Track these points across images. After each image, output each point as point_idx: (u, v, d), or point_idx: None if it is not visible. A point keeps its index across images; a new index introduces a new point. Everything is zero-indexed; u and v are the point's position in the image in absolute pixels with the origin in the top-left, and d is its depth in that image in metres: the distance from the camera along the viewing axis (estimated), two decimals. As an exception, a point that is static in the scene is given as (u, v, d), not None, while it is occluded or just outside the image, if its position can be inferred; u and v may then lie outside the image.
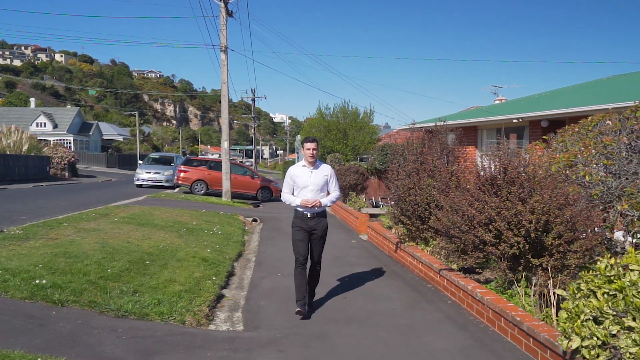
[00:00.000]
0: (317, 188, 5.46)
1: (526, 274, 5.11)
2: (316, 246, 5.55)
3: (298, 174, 5.51)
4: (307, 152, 5.48)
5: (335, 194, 5.63)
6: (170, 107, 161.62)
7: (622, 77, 16.83)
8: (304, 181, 5.45)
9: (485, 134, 15.91)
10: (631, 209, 5.88)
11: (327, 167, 5.62)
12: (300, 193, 5.49)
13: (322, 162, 5.62)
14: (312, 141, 5.49)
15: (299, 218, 5.48)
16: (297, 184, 5.50)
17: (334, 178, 5.63)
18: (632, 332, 2.95)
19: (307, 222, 5.45)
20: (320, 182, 5.48)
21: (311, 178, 5.45)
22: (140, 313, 4.84)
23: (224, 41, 17.45)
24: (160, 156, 26.69)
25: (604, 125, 7.07)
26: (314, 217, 5.46)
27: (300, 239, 5.46)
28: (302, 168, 5.53)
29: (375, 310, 5.44)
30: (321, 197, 5.49)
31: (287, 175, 5.63)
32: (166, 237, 8.74)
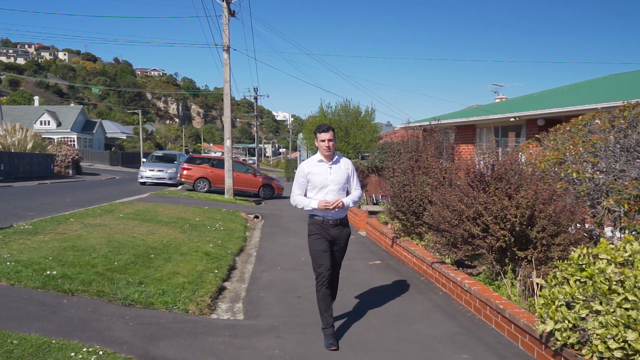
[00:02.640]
0: (339, 187, 4.50)
1: (512, 265, 5.37)
2: (337, 256, 4.66)
3: (315, 171, 4.50)
4: (322, 145, 4.46)
5: (357, 192, 4.69)
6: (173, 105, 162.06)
7: (616, 77, 17.05)
8: (323, 180, 4.47)
9: (484, 132, 16.15)
10: (618, 205, 6.12)
11: (348, 161, 4.69)
12: (318, 194, 4.50)
13: (340, 155, 4.72)
14: (326, 130, 4.47)
15: (318, 225, 4.51)
16: (314, 184, 4.50)
17: (355, 174, 4.71)
18: (599, 315, 3.21)
19: (329, 229, 4.49)
20: (342, 179, 4.53)
21: (331, 175, 4.49)
22: (146, 302, 5.12)
23: (226, 40, 17.72)
24: (163, 154, 27.05)
25: (593, 124, 7.31)
26: (337, 224, 4.52)
27: (323, 249, 4.45)
28: (318, 164, 4.54)
29: (369, 301, 5.70)
30: (342, 197, 4.55)
31: (299, 173, 4.60)
32: (170, 233, 9.02)
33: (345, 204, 4.47)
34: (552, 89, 19.13)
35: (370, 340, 4.45)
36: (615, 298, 3.16)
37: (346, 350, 4.19)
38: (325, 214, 4.48)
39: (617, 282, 3.24)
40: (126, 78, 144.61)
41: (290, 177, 42.97)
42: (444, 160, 8.16)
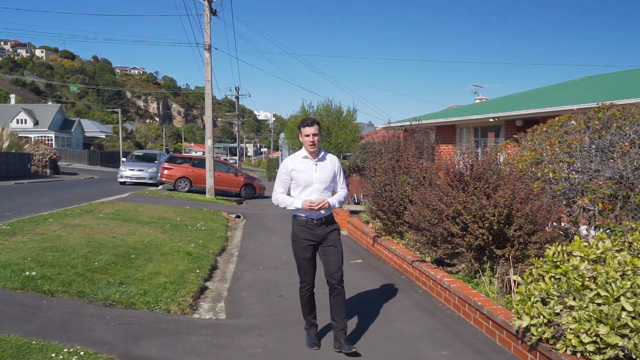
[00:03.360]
0: (324, 185, 4.23)
1: (490, 263, 5.49)
2: (333, 257, 4.21)
3: (299, 168, 4.22)
4: (307, 140, 4.16)
5: (343, 192, 4.41)
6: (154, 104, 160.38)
7: (592, 79, 17.43)
8: (308, 177, 4.20)
9: (464, 132, 16.36)
10: (592, 204, 6.28)
11: (334, 158, 4.40)
12: (302, 193, 4.23)
13: (326, 151, 4.41)
14: (310, 124, 4.16)
15: (302, 226, 4.23)
16: (298, 182, 4.23)
17: (341, 172, 4.44)
18: (573, 311, 3.31)
19: (314, 230, 4.23)
20: (328, 177, 4.26)
21: (317, 173, 4.21)
22: (127, 302, 5.10)
23: (207, 39, 17.64)
24: (143, 153, 26.81)
25: (569, 125, 7.48)
26: (322, 222, 4.23)
27: (307, 257, 4.23)
28: (303, 160, 4.25)
29: (350, 299, 5.75)
30: (328, 196, 4.28)
31: (282, 170, 4.31)
32: (151, 233, 8.97)
33: (332, 204, 4.19)
34: (530, 90, 19.46)
35: (352, 338, 4.50)
36: (588, 294, 3.27)
37: (327, 348, 4.24)
38: (310, 214, 4.20)
39: (589, 278, 3.35)
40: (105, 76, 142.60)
41: (272, 176, 42.90)
42: (424, 160, 8.27)
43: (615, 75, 16.53)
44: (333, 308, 4.19)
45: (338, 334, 4.16)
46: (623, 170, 6.10)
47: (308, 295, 4.29)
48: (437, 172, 6.79)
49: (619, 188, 6.17)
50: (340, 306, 4.18)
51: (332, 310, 4.20)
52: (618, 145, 6.41)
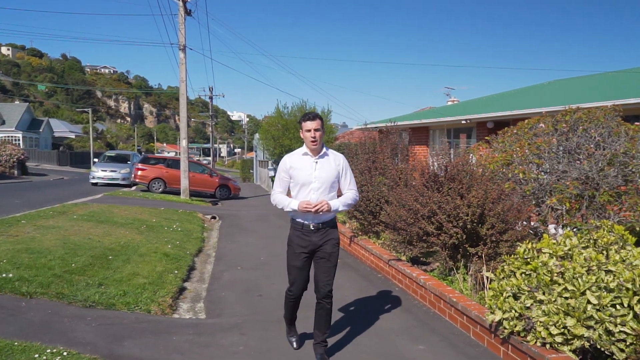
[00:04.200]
0: (325, 185, 3.88)
1: (464, 261, 5.68)
2: (324, 271, 3.93)
3: (298, 165, 3.92)
4: (308, 136, 3.83)
5: (351, 193, 4.01)
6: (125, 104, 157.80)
7: (560, 82, 17.97)
8: (306, 176, 3.87)
9: (437, 134, 16.66)
10: (560, 203, 6.54)
11: (339, 156, 4.04)
12: (301, 193, 3.92)
13: (331, 150, 4.07)
14: (312, 119, 3.83)
15: (298, 231, 3.94)
16: (297, 180, 3.91)
17: (348, 170, 4.03)
18: (542, 304, 3.50)
19: (310, 236, 3.90)
20: (330, 176, 3.89)
21: (316, 171, 3.88)
22: (107, 303, 5.11)
23: (182, 40, 17.55)
24: (116, 154, 26.43)
25: (538, 128, 7.75)
26: (320, 228, 3.91)
27: (299, 266, 3.94)
28: (302, 157, 3.94)
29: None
30: (331, 198, 3.92)
31: (280, 167, 4.02)
32: (127, 234, 8.92)
33: (333, 207, 3.83)
34: (501, 93, 19.92)
35: (330, 334, 4.61)
36: (556, 288, 3.46)
37: (308, 345, 4.35)
38: (306, 218, 3.88)
39: (558, 273, 3.54)
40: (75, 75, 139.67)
41: (247, 177, 42.77)
42: (400, 161, 8.45)
43: (582, 80, 17.08)
44: (316, 319, 4.04)
45: (317, 346, 4.05)
46: (589, 171, 6.38)
47: (292, 303, 4.12)
48: (412, 173, 6.96)
49: (585, 188, 6.45)
50: (323, 320, 3.99)
51: (316, 321, 4.05)
52: (584, 147, 6.69)
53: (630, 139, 6.59)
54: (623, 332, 3.15)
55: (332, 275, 3.97)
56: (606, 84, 14.42)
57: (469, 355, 4.14)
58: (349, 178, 4.03)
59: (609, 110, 6.97)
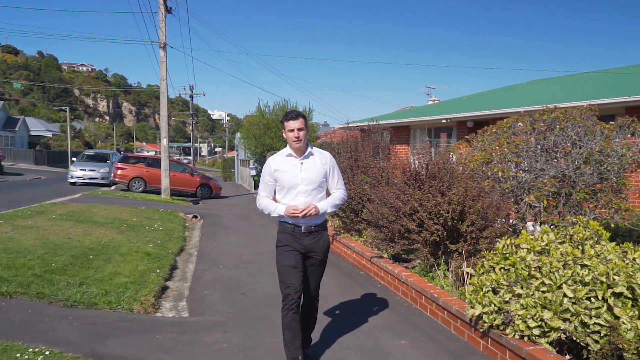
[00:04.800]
0: (313, 187, 3.69)
1: (445, 258, 5.77)
2: (313, 274, 3.84)
3: (282, 167, 3.73)
4: (291, 136, 3.64)
5: (339, 193, 3.84)
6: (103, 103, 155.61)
7: (538, 82, 18.29)
8: (292, 178, 3.69)
9: (417, 133, 16.82)
10: (538, 201, 6.68)
11: (326, 154, 3.85)
12: (287, 196, 3.73)
13: (316, 147, 3.89)
14: (295, 117, 3.64)
15: (288, 234, 3.74)
16: (282, 183, 3.72)
17: (335, 169, 3.86)
18: (521, 298, 3.59)
19: (301, 239, 3.71)
20: (317, 177, 3.71)
21: (302, 173, 3.69)
22: (89, 302, 5.08)
23: (162, 38, 17.41)
24: (95, 153, 26.15)
25: (517, 127, 7.89)
26: (311, 231, 3.72)
27: (292, 265, 3.67)
28: (287, 159, 3.75)
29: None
30: (320, 199, 3.74)
31: (265, 170, 3.83)
32: (107, 234, 8.85)
33: (321, 210, 3.66)
34: (480, 93, 20.20)
35: (314, 331, 4.66)
36: (534, 282, 3.55)
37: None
38: (297, 221, 3.68)
39: (535, 268, 3.64)
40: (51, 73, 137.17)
41: (228, 176, 42.56)
42: (381, 159, 8.53)
43: (560, 80, 17.41)
44: (305, 318, 3.91)
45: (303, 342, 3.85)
46: (565, 169, 6.53)
47: (291, 314, 3.58)
48: (394, 171, 7.03)
49: (562, 186, 6.60)
50: (312, 318, 4.01)
51: (304, 319, 3.89)
52: (561, 145, 6.84)
53: (605, 138, 6.76)
54: (597, 324, 3.25)
55: (321, 278, 3.98)
56: (583, 85, 14.74)
57: (450, 350, 4.22)
58: (336, 177, 3.85)
59: (585, 110, 7.14)
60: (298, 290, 3.63)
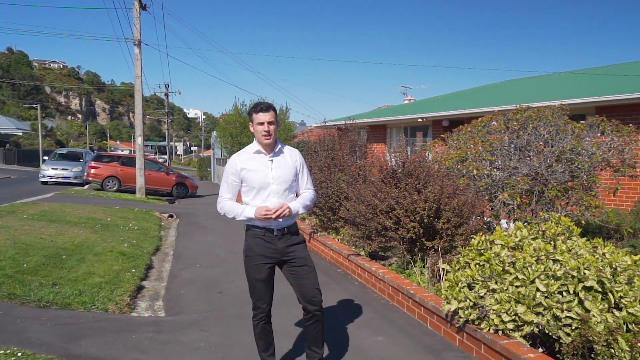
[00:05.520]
0: (285, 187, 3.38)
1: (421, 255, 5.84)
2: (306, 277, 3.42)
3: (250, 166, 3.37)
4: (260, 130, 3.30)
5: (309, 193, 3.55)
6: (76, 100, 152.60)
7: (512, 82, 18.61)
8: (263, 177, 3.34)
9: (394, 131, 16.95)
10: (511, 198, 6.80)
11: (295, 152, 3.56)
12: (257, 198, 3.37)
13: (283, 144, 3.56)
14: (265, 110, 3.30)
15: (259, 239, 3.38)
16: (251, 184, 3.36)
17: (305, 167, 3.57)
18: (495, 293, 3.66)
19: (275, 243, 3.38)
20: (289, 176, 3.40)
21: (274, 171, 3.36)
22: (62, 303, 4.99)
23: (137, 35, 17.17)
24: (67, 152, 25.64)
25: (491, 126, 8.02)
26: (284, 234, 3.40)
27: (262, 279, 3.39)
28: (255, 157, 3.40)
29: (288, 294, 5.88)
30: (291, 199, 3.43)
31: (228, 169, 3.46)
32: (81, 233, 8.69)
33: (294, 210, 3.35)
34: (455, 92, 20.44)
35: (292, 329, 4.67)
36: (508, 277, 3.62)
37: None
38: (268, 224, 3.35)
39: (509, 263, 3.71)
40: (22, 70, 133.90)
41: (204, 175, 42.20)
42: (358, 157, 8.58)
43: (533, 80, 17.74)
44: (310, 335, 3.48)
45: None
46: (538, 168, 6.66)
47: (262, 324, 3.47)
48: (371, 169, 7.08)
49: (534, 184, 6.73)
50: (319, 334, 3.47)
51: (309, 338, 3.49)
52: (534, 144, 6.98)
53: (576, 137, 6.92)
54: (569, 317, 3.33)
55: (317, 280, 3.46)
56: (555, 85, 15.04)
57: (426, 345, 4.28)
58: (306, 176, 3.56)
59: (557, 110, 7.30)
60: (269, 303, 3.47)
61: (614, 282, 3.37)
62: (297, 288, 3.43)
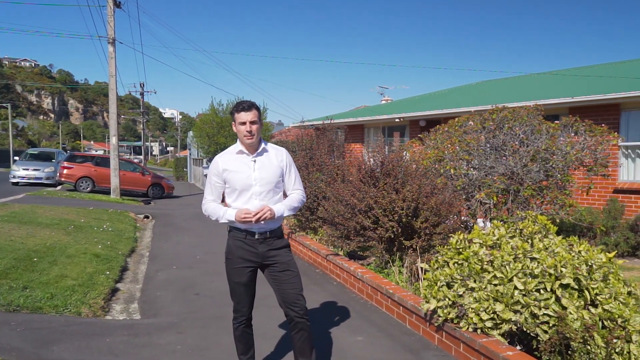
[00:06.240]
0: (268, 188, 3.26)
1: (400, 254, 5.85)
2: (290, 283, 3.30)
3: (232, 167, 3.27)
4: (242, 129, 3.19)
5: (297, 194, 3.43)
6: (48, 100, 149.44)
7: (488, 83, 18.84)
8: (245, 179, 3.24)
9: (371, 131, 17.00)
10: (488, 197, 6.86)
11: (281, 151, 3.41)
12: (240, 200, 3.27)
13: (271, 144, 3.45)
14: (247, 109, 3.19)
15: (240, 241, 3.29)
16: (233, 185, 3.27)
17: (292, 167, 3.44)
18: (474, 292, 3.67)
19: (255, 247, 3.27)
20: (273, 177, 3.28)
21: (256, 172, 3.25)
22: (33, 307, 4.85)
23: (111, 33, 16.87)
24: (39, 152, 25.07)
25: (468, 126, 8.09)
26: (267, 238, 3.28)
27: (244, 282, 3.32)
28: (237, 157, 3.30)
29: (266, 295, 5.82)
30: (276, 201, 3.31)
31: (212, 171, 3.38)
32: (53, 235, 8.48)
33: (277, 213, 3.22)
34: (432, 93, 20.61)
35: (271, 329, 4.62)
36: (486, 276, 3.64)
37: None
38: (250, 227, 3.24)
39: (487, 262, 3.73)
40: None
41: (180, 176, 41.76)
42: (336, 157, 8.56)
43: (508, 81, 17.99)
44: (297, 346, 3.31)
45: None
46: (514, 167, 6.74)
47: (242, 328, 3.41)
48: (349, 169, 7.07)
49: (510, 183, 6.81)
50: (307, 344, 3.30)
51: (296, 348, 3.33)
52: (509, 144, 7.06)
53: (551, 137, 7.03)
54: (546, 314, 3.36)
55: (300, 285, 3.33)
56: (530, 86, 15.28)
57: (405, 344, 4.27)
58: (293, 176, 3.42)
59: (532, 110, 7.40)
60: (249, 306, 3.40)
61: (590, 280, 3.42)
62: (279, 293, 3.33)
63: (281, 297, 3.32)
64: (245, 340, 3.46)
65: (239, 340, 3.46)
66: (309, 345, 3.31)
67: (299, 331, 3.29)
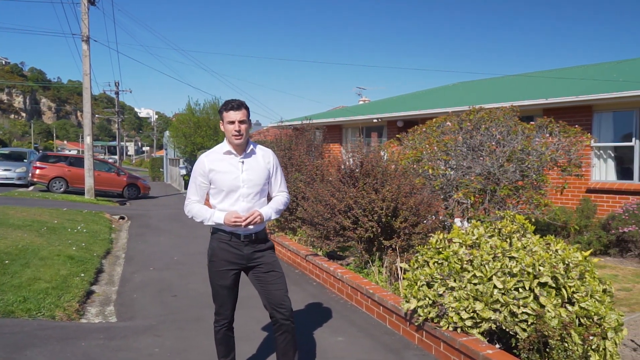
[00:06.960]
0: (255, 190, 3.21)
1: (379, 254, 5.86)
2: (275, 285, 3.25)
3: (219, 167, 3.18)
4: (230, 129, 3.11)
5: (282, 196, 3.38)
6: (19, 98, 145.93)
7: (464, 84, 19.07)
8: (233, 180, 3.16)
9: (349, 132, 17.04)
10: (465, 197, 6.93)
11: (268, 152, 3.35)
12: (226, 201, 3.19)
13: (256, 144, 3.36)
14: (237, 108, 3.11)
15: (224, 244, 3.21)
16: (220, 186, 3.18)
17: (279, 169, 3.39)
18: (454, 291, 3.69)
19: (240, 249, 3.20)
20: (260, 178, 3.23)
21: (244, 173, 3.18)
22: (5, 311, 4.72)
23: (85, 31, 16.56)
24: (10, 152, 24.47)
25: (445, 126, 8.16)
26: (252, 240, 3.22)
27: (226, 285, 3.25)
28: (224, 157, 3.21)
29: (247, 295, 5.75)
30: (261, 204, 3.25)
31: (196, 170, 3.26)
32: (25, 237, 8.27)
33: (266, 216, 3.18)
34: (410, 93, 20.76)
35: (252, 330, 4.58)
36: (466, 275, 3.67)
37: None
38: (235, 229, 3.17)
39: (467, 261, 3.75)
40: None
41: (156, 176, 41.22)
42: (315, 157, 8.55)
43: (485, 82, 18.22)
44: (280, 349, 3.23)
45: None
46: (490, 167, 6.82)
47: (224, 331, 3.34)
48: (328, 169, 7.06)
49: (487, 183, 6.89)
50: (290, 346, 3.22)
51: (279, 351, 3.24)
52: (486, 144, 7.14)
53: (526, 137, 7.14)
54: (525, 313, 3.40)
55: (285, 286, 3.27)
56: (506, 87, 15.50)
57: (386, 344, 4.28)
58: (279, 178, 3.37)
59: (508, 111, 7.50)
60: (232, 309, 3.34)
61: (567, 278, 3.47)
62: (264, 294, 3.25)
63: (266, 299, 3.24)
64: (226, 343, 3.39)
65: (220, 343, 3.39)
66: (292, 347, 3.24)
67: (283, 333, 3.22)
